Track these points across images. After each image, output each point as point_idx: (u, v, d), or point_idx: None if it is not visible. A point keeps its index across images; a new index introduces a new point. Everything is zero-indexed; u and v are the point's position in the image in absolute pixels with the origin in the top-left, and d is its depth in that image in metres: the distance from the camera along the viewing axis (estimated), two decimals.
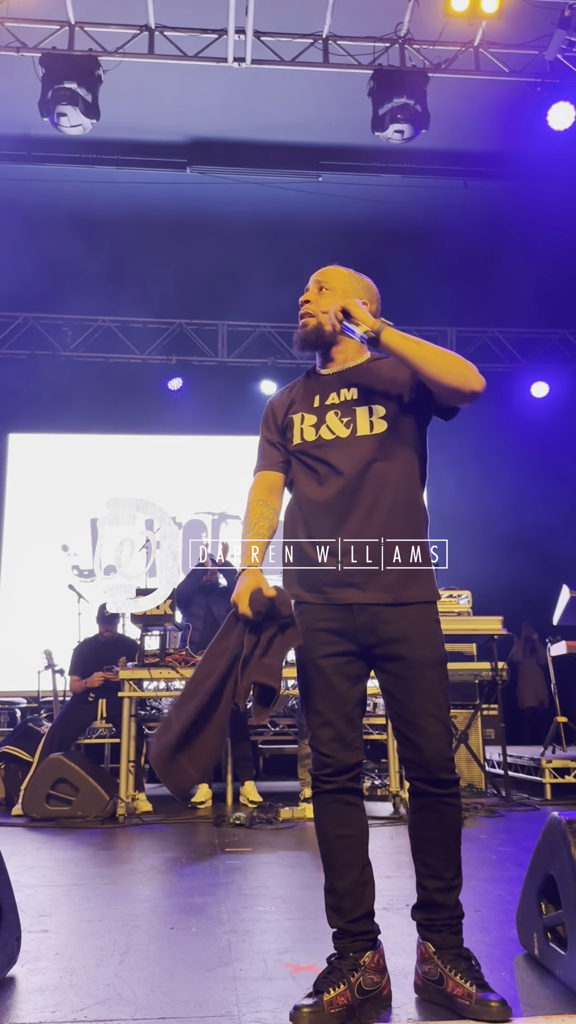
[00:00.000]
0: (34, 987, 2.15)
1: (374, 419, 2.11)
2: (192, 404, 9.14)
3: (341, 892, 2.04)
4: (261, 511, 2.20)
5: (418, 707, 2.01)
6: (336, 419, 2.13)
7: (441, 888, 2.04)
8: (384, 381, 2.15)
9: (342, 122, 7.32)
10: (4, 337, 9.10)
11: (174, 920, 2.77)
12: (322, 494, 2.10)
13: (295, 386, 2.32)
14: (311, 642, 2.09)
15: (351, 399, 2.15)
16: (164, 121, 7.41)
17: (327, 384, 2.21)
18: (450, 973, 1.92)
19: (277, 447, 2.25)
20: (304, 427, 2.16)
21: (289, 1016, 1.87)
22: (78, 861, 3.83)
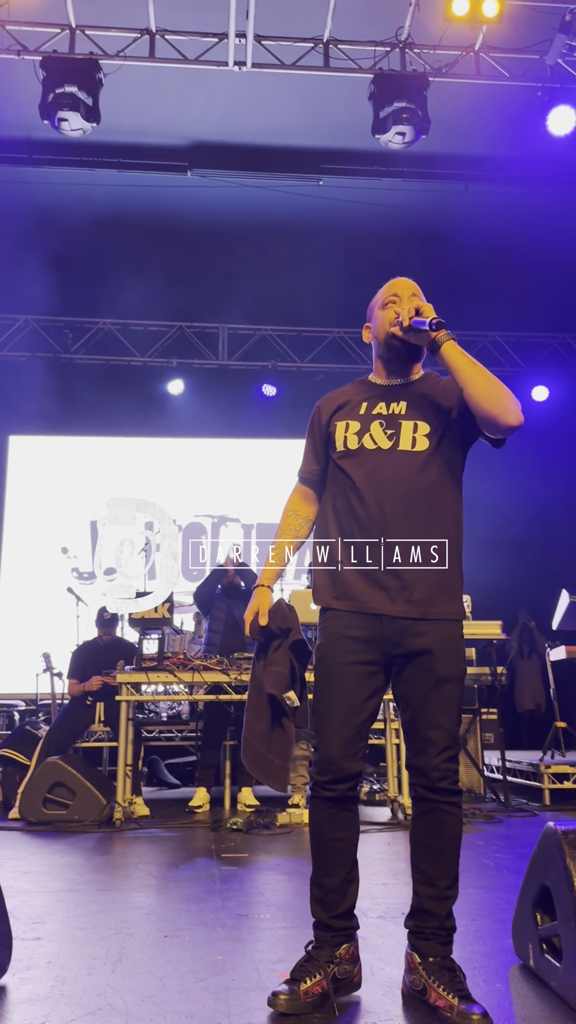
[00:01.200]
0: (24, 996, 2.13)
1: (418, 435, 2.14)
2: (192, 407, 9.13)
3: (328, 888, 2.12)
4: (290, 523, 2.31)
5: (433, 719, 2.06)
6: (380, 430, 2.15)
7: (434, 896, 2.07)
8: (434, 400, 2.19)
9: (343, 126, 7.31)
10: (5, 339, 9.10)
11: (168, 928, 2.76)
12: (357, 504, 2.12)
13: (346, 390, 2.34)
14: (337, 649, 2.14)
15: (399, 413, 2.17)
16: (165, 124, 7.41)
17: (378, 393, 2.25)
18: (433, 984, 1.96)
19: (317, 455, 2.29)
20: (348, 435, 2.18)
21: (267, 1002, 1.97)
22: (74, 866, 3.82)
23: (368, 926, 2.73)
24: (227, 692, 5.18)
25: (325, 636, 2.15)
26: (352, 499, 2.13)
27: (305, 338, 9.38)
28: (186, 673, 5.13)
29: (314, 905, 2.14)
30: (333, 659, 2.12)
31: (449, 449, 2.16)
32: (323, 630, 2.17)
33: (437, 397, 2.19)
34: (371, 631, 2.09)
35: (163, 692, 5.73)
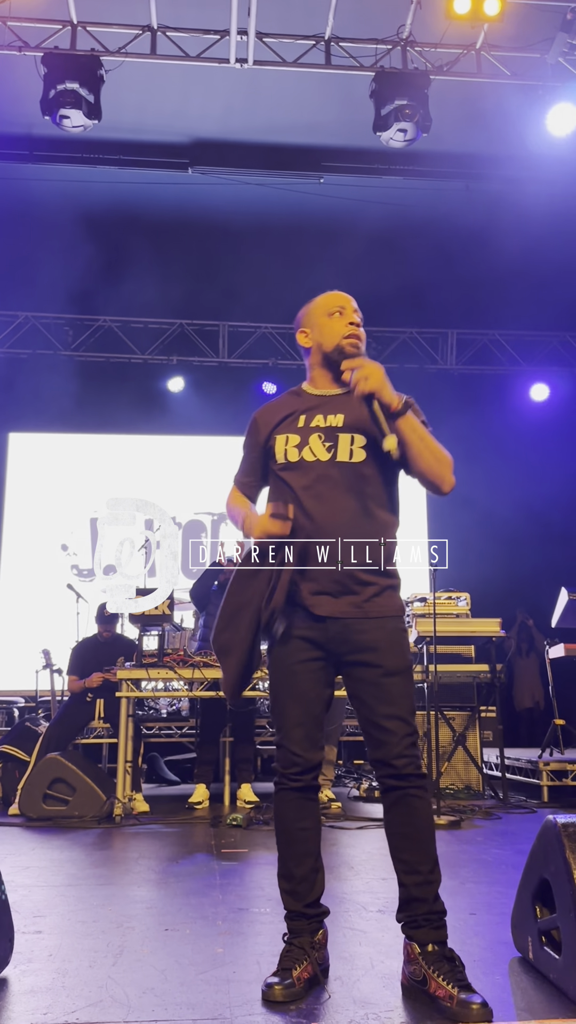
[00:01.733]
0: (26, 989, 2.14)
1: (355, 447, 2.22)
2: (192, 404, 9.13)
3: (298, 878, 2.18)
4: (243, 499, 2.40)
5: (388, 711, 2.13)
6: (319, 442, 2.23)
7: (419, 883, 2.11)
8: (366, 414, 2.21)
9: (344, 124, 7.32)
10: (5, 336, 9.10)
11: (169, 921, 2.77)
12: (298, 513, 2.19)
13: (281, 402, 2.39)
14: (288, 649, 2.21)
15: (336, 425, 2.24)
16: (166, 121, 7.41)
17: (314, 404, 2.31)
18: (433, 974, 1.99)
19: (253, 467, 2.38)
20: (288, 448, 2.25)
21: (263, 995, 2.01)
22: (74, 861, 3.83)
23: (368, 920, 2.74)
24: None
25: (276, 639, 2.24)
26: (297, 511, 2.20)
27: None
28: (186, 670, 5.14)
29: (287, 898, 2.20)
30: (286, 659, 2.21)
31: (383, 459, 2.21)
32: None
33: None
34: (317, 631, 2.18)
35: (163, 689, 5.73)
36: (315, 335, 2.36)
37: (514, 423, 9.42)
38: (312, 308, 2.41)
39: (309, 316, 2.40)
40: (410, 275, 8.50)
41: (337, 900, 3.03)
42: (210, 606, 5.99)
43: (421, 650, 6.10)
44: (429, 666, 5.90)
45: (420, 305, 9.08)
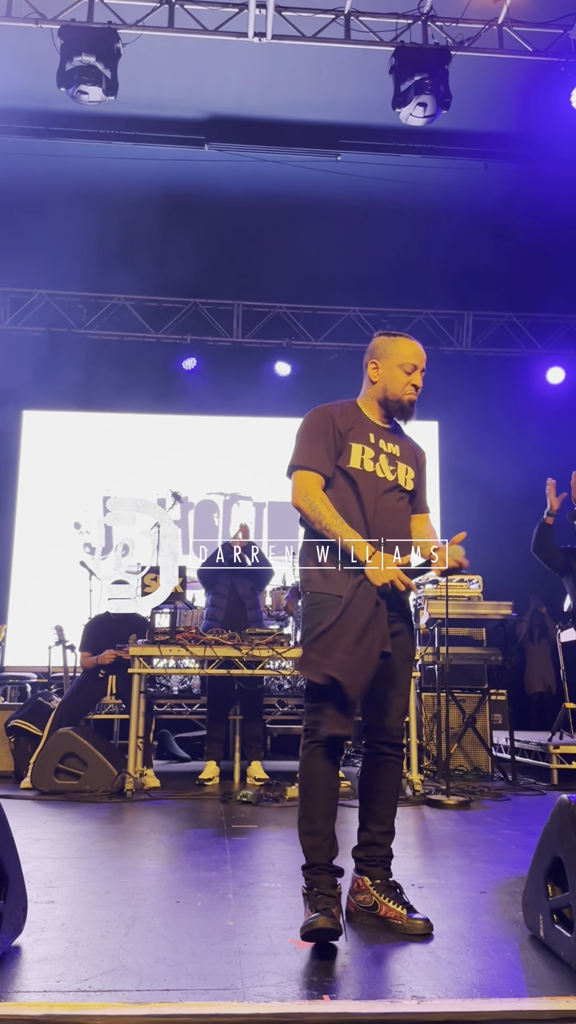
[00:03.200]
0: (39, 957, 2.16)
1: (408, 476, 2.67)
2: (206, 384, 9.11)
3: (325, 834, 2.40)
4: (340, 519, 2.53)
5: (401, 689, 2.58)
6: (386, 463, 2.63)
7: (383, 832, 2.54)
8: (413, 457, 2.74)
9: (362, 101, 7.23)
10: (20, 314, 9.08)
11: (180, 894, 2.79)
12: (357, 514, 2.54)
13: (347, 411, 2.67)
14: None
15: (395, 454, 2.67)
16: (182, 97, 7.35)
17: (377, 430, 2.67)
18: (384, 900, 2.42)
19: (330, 457, 2.59)
20: (364, 457, 2.59)
21: (307, 929, 2.19)
22: (85, 834, 3.86)
23: None
24: (238, 667, 5.21)
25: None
26: (353, 509, 2.55)
27: (320, 316, 9.33)
28: (198, 647, 5.16)
29: (313, 852, 2.39)
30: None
31: (415, 491, 2.72)
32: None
33: (414, 456, 2.75)
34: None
35: (174, 666, 5.75)
36: (384, 377, 2.67)
37: (530, 406, 9.35)
38: (391, 350, 2.69)
39: (385, 356, 2.68)
40: (426, 255, 8.43)
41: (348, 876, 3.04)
42: (217, 585, 6.00)
43: (432, 631, 6.10)
44: (440, 648, 5.90)
45: (435, 286, 9.00)
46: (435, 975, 2.01)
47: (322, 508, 2.49)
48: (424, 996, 1.86)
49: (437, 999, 1.85)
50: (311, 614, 2.51)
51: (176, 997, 1.86)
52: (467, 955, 2.17)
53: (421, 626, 6.37)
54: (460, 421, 9.21)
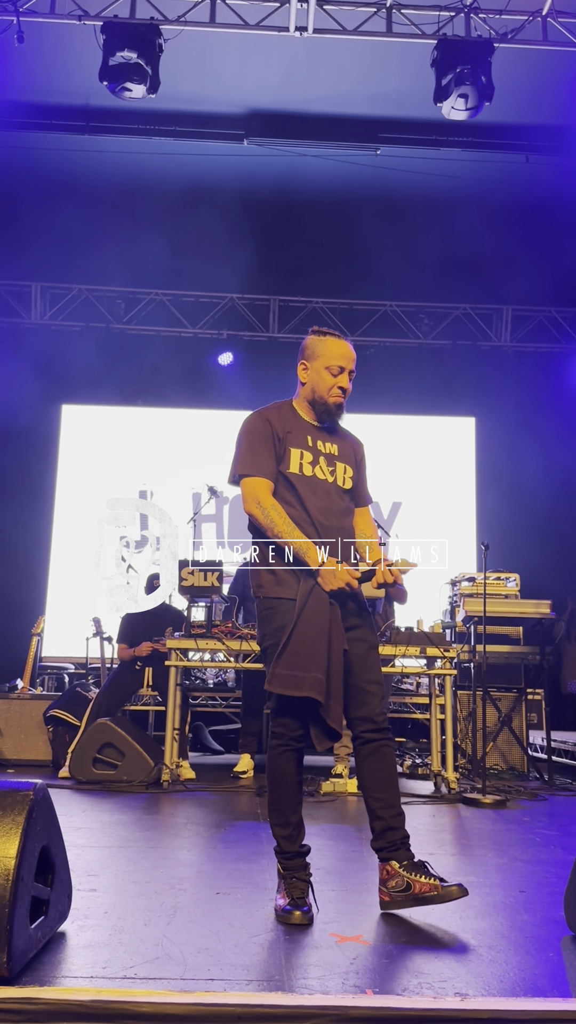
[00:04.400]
0: (84, 943, 2.20)
1: (346, 476, 2.77)
2: (242, 379, 9.12)
3: (294, 823, 2.61)
4: (292, 524, 2.64)
5: (370, 676, 2.64)
6: (324, 465, 2.72)
7: (395, 815, 2.58)
8: (350, 454, 2.84)
9: (403, 94, 7.18)
10: (58, 309, 9.17)
11: (219, 885, 2.81)
12: (304, 516, 2.64)
13: (284, 416, 2.75)
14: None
15: (333, 453, 2.76)
16: (223, 92, 7.35)
17: (313, 432, 2.76)
18: (416, 878, 2.47)
19: (272, 460, 2.68)
20: (303, 462, 2.68)
21: (282, 919, 2.39)
22: (124, 824, 3.91)
23: None
24: None
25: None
26: (299, 513, 2.64)
27: (357, 311, 9.30)
28: (234, 641, 5.18)
29: (285, 842, 2.60)
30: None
31: (353, 491, 2.81)
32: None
33: (352, 452, 2.84)
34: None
35: (210, 659, 5.79)
36: (312, 379, 2.74)
37: (570, 403, 9.24)
38: (319, 350, 2.74)
39: (314, 357, 2.74)
40: (465, 249, 8.36)
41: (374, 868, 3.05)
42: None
43: (469, 629, 6.07)
44: (477, 646, 5.87)
45: (474, 280, 8.93)
46: (478, 973, 2.01)
47: (274, 515, 2.59)
48: (467, 993, 1.86)
49: (481, 997, 1.85)
50: (267, 619, 2.62)
51: (220, 987, 1.88)
52: (509, 954, 2.16)
53: (458, 624, 6.34)
54: (497, 417, 9.14)
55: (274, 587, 2.61)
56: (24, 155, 7.78)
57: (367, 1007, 1.76)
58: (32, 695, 6.13)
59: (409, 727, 7.49)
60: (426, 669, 5.37)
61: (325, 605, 2.53)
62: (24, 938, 1.95)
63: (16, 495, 8.68)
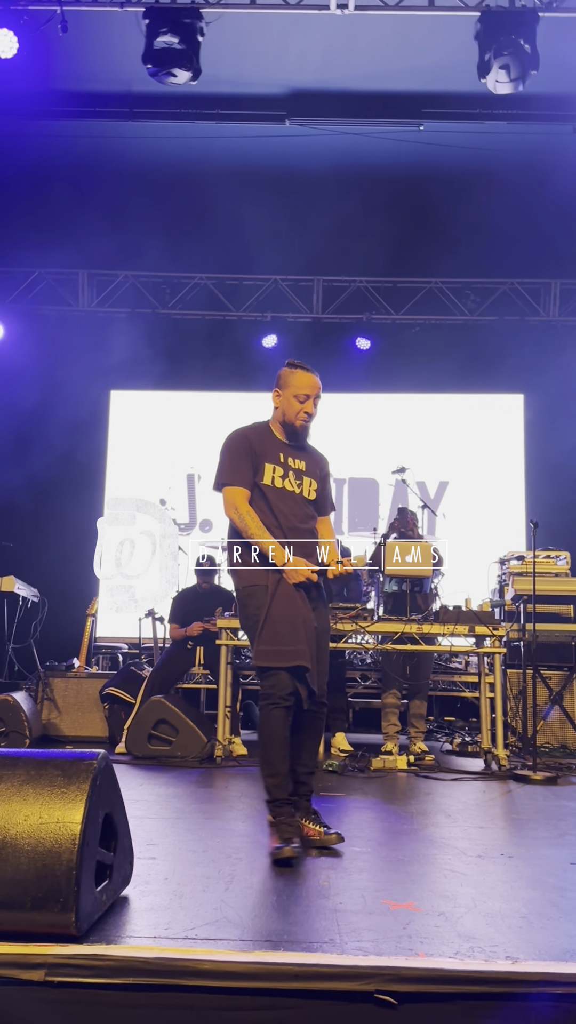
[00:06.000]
0: (147, 907, 2.30)
1: (311, 489, 3.24)
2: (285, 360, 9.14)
3: (283, 774, 2.99)
4: (263, 527, 3.11)
5: (323, 657, 3.13)
6: (293, 478, 3.19)
7: (308, 772, 3.13)
8: (317, 469, 3.31)
9: (445, 67, 7.07)
10: (106, 295, 9.29)
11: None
12: (273, 521, 3.10)
13: (261, 434, 3.25)
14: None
15: (301, 469, 3.22)
16: (263, 73, 7.33)
17: (284, 448, 3.23)
18: (305, 823, 3.01)
19: (249, 474, 3.14)
20: (275, 475, 3.15)
21: (273, 855, 2.77)
22: (179, 797, 4.02)
23: (468, 864, 2.81)
24: None
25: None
26: (269, 519, 3.10)
27: (401, 289, 9.24)
28: None
29: (277, 790, 2.97)
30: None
31: (317, 502, 3.28)
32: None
33: (318, 468, 3.31)
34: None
35: None
36: (283, 404, 3.24)
37: None
38: (290, 381, 3.23)
39: (285, 387, 3.23)
40: (511, 223, 8.23)
41: (436, 844, 3.11)
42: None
43: (519, 608, 6.06)
44: (527, 624, 5.86)
45: (522, 254, 8.80)
46: (528, 939, 2.06)
47: (248, 520, 3.07)
48: (518, 957, 1.91)
49: (531, 960, 1.90)
50: (246, 604, 3.09)
51: (278, 948, 1.96)
52: (559, 922, 2.20)
53: (507, 602, 6.33)
54: (547, 393, 9.01)
55: (249, 576, 3.08)
56: (69, 144, 7.88)
57: (420, 968, 1.82)
58: (88, 674, 6.30)
59: (458, 705, 7.51)
60: (475, 648, 5.39)
61: (293, 590, 3.01)
62: (90, 900, 2.05)
63: (68, 481, 8.85)
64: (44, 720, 5.96)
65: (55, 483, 8.85)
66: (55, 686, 6.07)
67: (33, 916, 1.93)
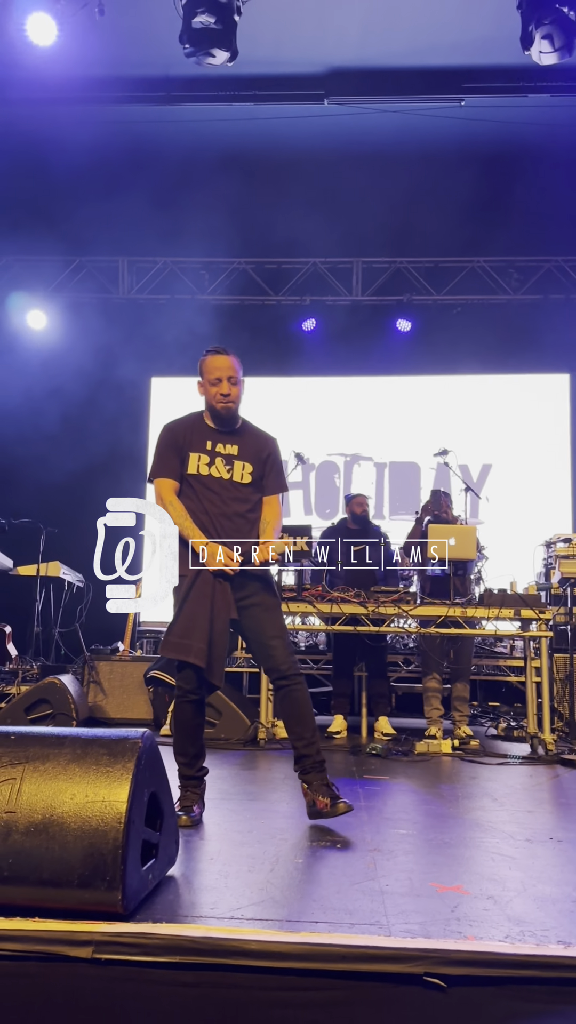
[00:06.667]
0: (193, 886, 2.31)
1: (244, 472, 3.23)
2: (325, 344, 9.08)
3: (192, 755, 3.19)
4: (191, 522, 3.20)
5: (271, 634, 3.14)
6: (221, 464, 3.21)
7: (306, 744, 3.07)
8: (254, 450, 3.28)
9: (487, 40, 6.92)
10: (145, 282, 9.31)
11: (318, 836, 2.89)
12: (201, 509, 3.18)
13: (190, 426, 3.28)
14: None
15: (232, 454, 3.23)
16: (301, 52, 7.24)
17: (214, 435, 3.25)
18: (317, 796, 2.98)
19: (178, 470, 3.22)
20: (200, 464, 3.20)
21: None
22: (224, 778, 4.04)
23: (517, 847, 2.77)
24: (364, 624, 5.26)
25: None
26: (198, 507, 3.18)
27: (442, 269, 9.10)
28: (324, 604, 5.24)
29: (184, 768, 3.18)
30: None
31: (260, 484, 3.28)
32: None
33: (255, 450, 3.27)
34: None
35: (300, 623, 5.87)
36: (204, 392, 3.26)
37: None
38: (203, 368, 3.26)
39: (202, 375, 3.26)
40: (555, 199, 8.06)
41: (483, 828, 3.07)
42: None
43: (566, 592, 5.96)
44: (574, 608, 5.76)
45: (566, 232, 8.61)
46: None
47: (171, 510, 3.14)
48: (571, 942, 1.87)
49: None
50: (176, 590, 3.15)
51: (324, 929, 1.95)
52: None
53: (553, 586, 6.23)
54: None
55: (180, 566, 3.12)
56: (107, 131, 7.88)
57: (470, 951, 1.79)
58: (132, 657, 6.35)
59: (503, 690, 7.43)
60: (520, 632, 5.31)
61: (210, 583, 3.07)
62: (137, 878, 2.05)
63: (110, 468, 8.91)
64: (90, 703, 6.02)
65: (99, 470, 8.91)
66: (101, 669, 6.13)
67: (80, 894, 1.95)
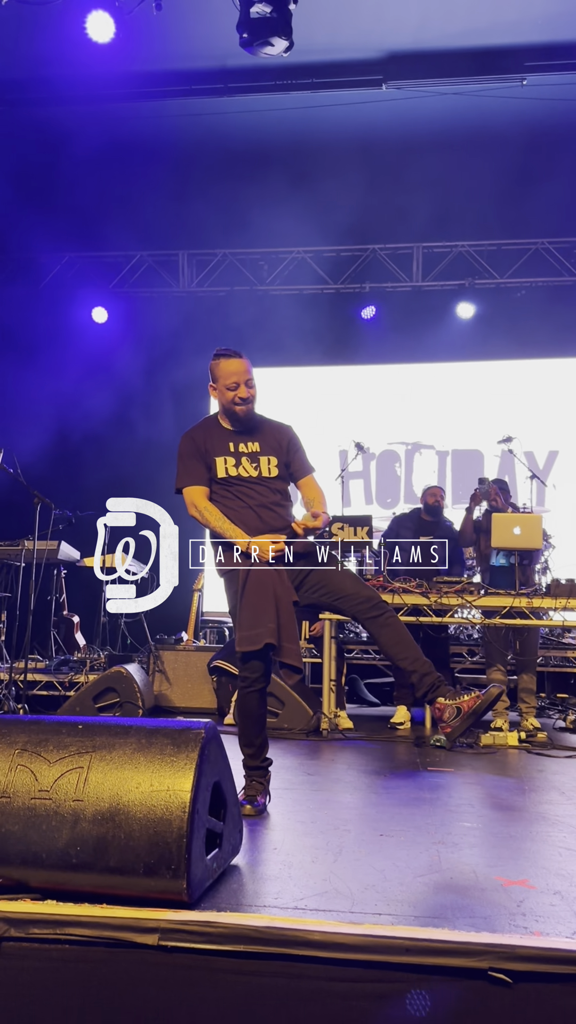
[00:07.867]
0: (256, 876, 2.33)
1: (271, 466, 3.24)
2: (385, 332, 9.00)
3: (257, 745, 3.21)
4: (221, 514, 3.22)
5: (339, 582, 3.16)
6: (247, 463, 3.23)
7: (424, 664, 3.00)
8: (274, 442, 3.29)
9: (550, 17, 6.74)
10: (205, 275, 9.36)
11: (382, 827, 2.89)
12: (243, 507, 3.19)
13: (208, 431, 3.31)
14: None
15: (256, 451, 3.25)
16: (359, 38, 7.16)
17: (235, 438, 3.27)
18: (461, 700, 2.89)
19: (203, 471, 3.25)
20: (227, 466, 3.23)
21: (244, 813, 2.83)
22: (287, 768, 4.06)
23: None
24: (427, 615, 5.22)
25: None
26: (237, 505, 3.20)
27: (505, 252, 8.91)
28: (386, 594, 5.21)
29: (249, 759, 3.20)
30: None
31: (284, 472, 3.28)
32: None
33: (275, 442, 3.29)
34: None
35: None
36: (219, 396, 3.27)
37: None
38: (217, 372, 3.26)
39: (216, 379, 3.26)
40: None
41: (550, 822, 3.02)
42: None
43: None
44: None
45: None
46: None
47: (207, 515, 3.19)
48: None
49: None
50: (227, 588, 3.22)
51: (387, 921, 1.95)
52: None
53: None
54: None
55: (224, 564, 3.19)
56: (165, 125, 7.95)
57: (535, 947, 1.77)
58: (196, 647, 6.43)
59: (572, 682, 7.29)
60: None
61: (267, 572, 3.06)
62: (201, 867, 2.08)
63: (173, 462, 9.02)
64: (156, 691, 6.13)
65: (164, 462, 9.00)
66: (165, 659, 6.23)
67: (146, 882, 1.98)
